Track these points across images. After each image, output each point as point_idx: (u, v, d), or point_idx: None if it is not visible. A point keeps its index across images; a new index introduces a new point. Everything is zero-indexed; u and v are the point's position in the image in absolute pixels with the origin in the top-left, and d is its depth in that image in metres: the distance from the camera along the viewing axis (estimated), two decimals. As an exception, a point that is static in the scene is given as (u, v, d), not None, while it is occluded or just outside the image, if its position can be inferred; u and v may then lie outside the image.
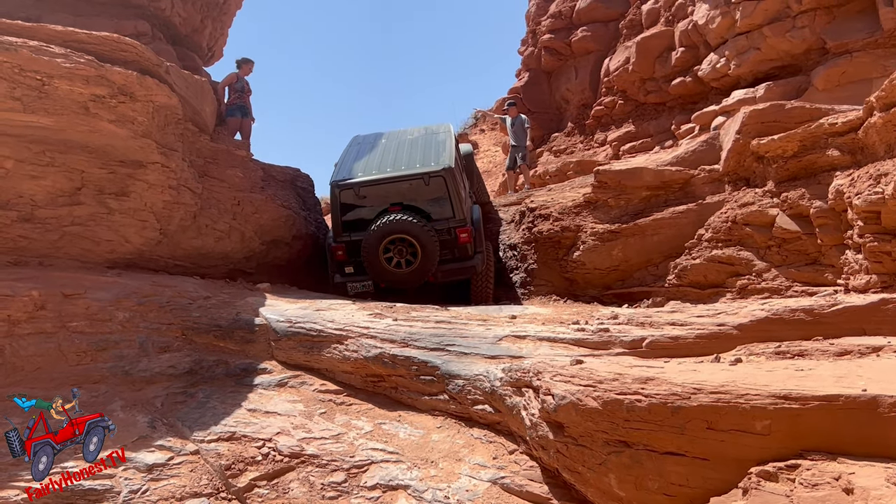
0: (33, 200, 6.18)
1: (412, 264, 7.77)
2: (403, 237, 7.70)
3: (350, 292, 8.01)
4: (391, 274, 7.81)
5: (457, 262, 8.10)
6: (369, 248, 7.71)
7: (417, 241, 7.69)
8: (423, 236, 7.69)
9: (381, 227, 7.69)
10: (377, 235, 7.69)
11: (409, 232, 7.68)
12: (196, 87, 8.33)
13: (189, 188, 7.37)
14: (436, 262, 7.82)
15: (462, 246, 8.08)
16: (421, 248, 7.70)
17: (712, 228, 7.29)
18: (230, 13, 16.53)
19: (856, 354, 3.88)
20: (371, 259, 7.74)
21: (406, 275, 7.80)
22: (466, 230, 8.10)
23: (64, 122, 5.94)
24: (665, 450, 3.19)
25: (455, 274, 8.10)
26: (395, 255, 7.76)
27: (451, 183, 8.09)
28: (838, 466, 2.70)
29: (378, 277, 7.89)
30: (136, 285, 6.26)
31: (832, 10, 10.99)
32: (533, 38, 19.88)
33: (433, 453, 4.47)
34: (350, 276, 8.11)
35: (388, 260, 7.76)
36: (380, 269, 7.79)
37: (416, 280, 7.91)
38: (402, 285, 8.00)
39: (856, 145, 6.08)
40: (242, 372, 5.65)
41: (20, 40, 5.77)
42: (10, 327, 5.23)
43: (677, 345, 4.72)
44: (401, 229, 7.67)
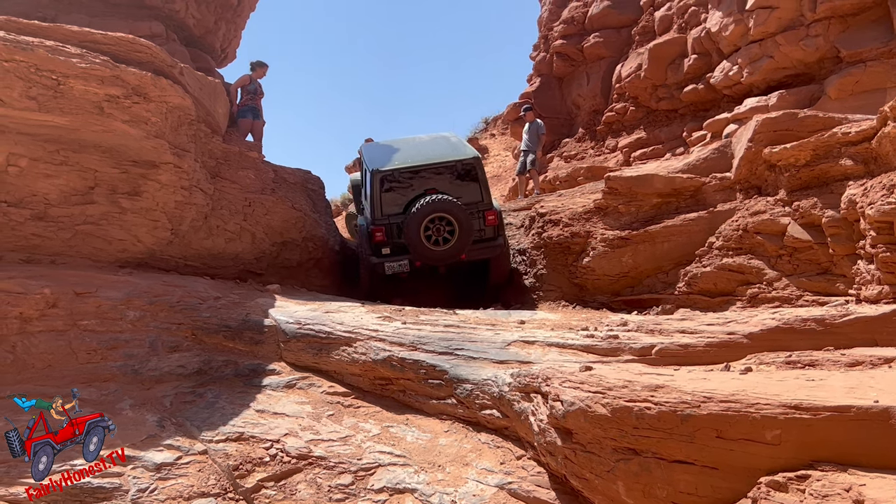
0: (47, 199, 6.23)
1: (449, 242, 8.44)
2: (443, 216, 8.39)
3: (387, 272, 8.61)
4: (430, 251, 8.43)
5: (484, 242, 8.82)
6: (412, 225, 8.33)
7: (456, 220, 8.40)
8: (461, 216, 8.42)
9: (423, 207, 8.33)
10: (420, 214, 8.32)
11: (449, 211, 8.38)
12: (209, 88, 8.38)
13: (201, 189, 7.41)
14: (471, 240, 8.54)
15: (489, 227, 8.86)
16: (459, 226, 8.42)
17: (723, 236, 7.26)
18: (244, 15, 16.62)
19: (868, 365, 3.86)
20: (412, 237, 8.34)
21: (443, 252, 8.46)
22: (493, 213, 8.90)
23: (78, 122, 5.98)
24: (674, 458, 3.17)
25: (483, 252, 8.82)
26: (434, 233, 8.41)
27: (480, 170, 9.00)
28: (849, 478, 2.67)
29: (417, 254, 8.48)
30: (147, 285, 6.30)
31: (846, 19, 10.94)
32: (545, 44, 19.88)
33: (440, 457, 4.47)
34: (387, 256, 8.67)
35: (427, 238, 8.39)
36: (420, 247, 8.39)
37: (452, 256, 8.55)
38: (439, 262, 8.66)
39: (869, 155, 6.05)
40: (251, 373, 5.66)
41: (37, 40, 5.83)
42: (23, 324, 5.27)
43: (687, 353, 4.70)
44: (442, 209, 8.37)
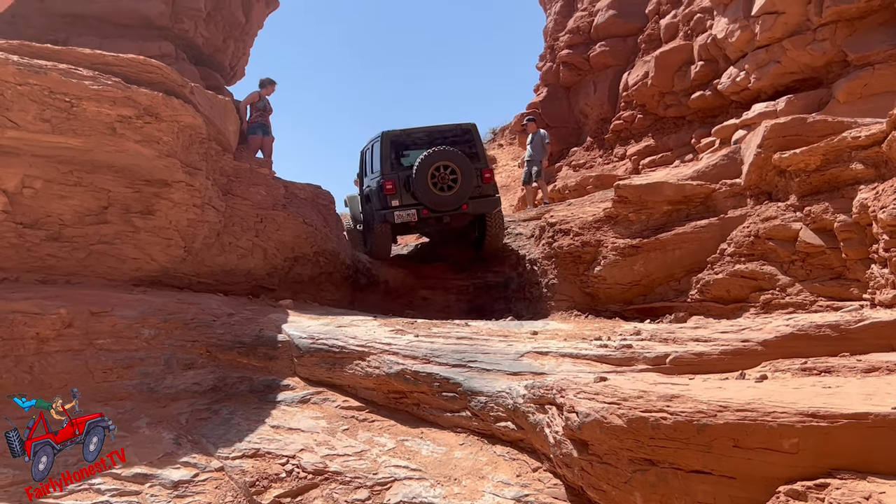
0: (61, 220, 6.30)
1: (453, 189, 9.51)
2: (447, 164, 9.49)
3: (397, 221, 9.69)
4: (437, 196, 9.51)
5: (483, 197, 9.91)
6: (420, 171, 9.42)
7: (459, 167, 9.50)
8: (463, 165, 9.53)
9: (429, 156, 9.47)
10: (427, 163, 9.43)
11: (452, 160, 9.51)
12: (219, 106, 8.46)
13: (213, 206, 7.47)
14: (471, 188, 9.62)
15: (486, 185, 9.98)
16: (461, 174, 9.50)
17: (735, 243, 7.24)
18: (252, 33, 16.80)
19: (884, 371, 3.83)
20: (420, 183, 9.43)
21: (448, 197, 9.53)
22: (490, 171, 10.18)
23: (91, 143, 6.05)
24: (691, 468, 3.16)
25: (482, 206, 9.88)
26: (440, 180, 9.49)
27: (476, 135, 10.36)
28: (868, 486, 2.66)
29: (425, 199, 9.53)
30: (161, 303, 6.34)
31: (853, 23, 10.94)
32: (551, 54, 19.95)
33: (456, 471, 4.46)
34: (396, 207, 9.67)
35: (434, 185, 9.46)
36: (428, 193, 9.47)
37: (456, 202, 9.59)
38: (444, 207, 9.65)
39: (880, 158, 6.03)
40: (266, 388, 5.68)
41: (50, 63, 5.91)
42: (39, 345, 5.32)
43: (701, 361, 4.68)
44: (445, 157, 9.51)
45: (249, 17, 16.48)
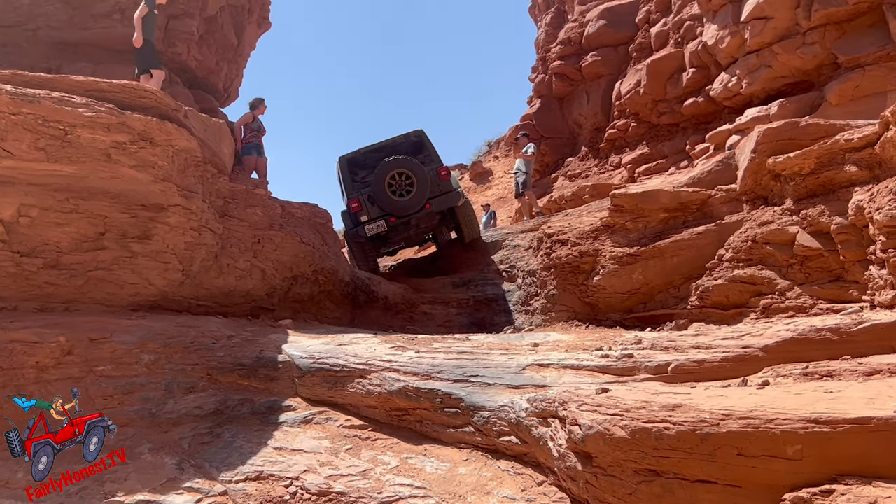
0: (58, 247, 6.29)
1: (411, 193, 10.10)
2: (401, 171, 10.07)
3: (368, 234, 10.30)
4: (396, 202, 10.09)
5: (443, 194, 10.51)
6: (377, 182, 10.05)
7: (413, 173, 10.10)
8: (416, 169, 10.13)
9: (382, 167, 10.07)
10: (381, 173, 10.04)
11: (405, 167, 10.10)
12: (214, 129, 8.49)
13: (210, 228, 7.47)
14: (428, 191, 10.17)
15: (444, 182, 10.57)
16: (416, 178, 10.09)
17: (732, 248, 7.24)
18: (245, 55, 16.87)
19: (886, 374, 3.83)
20: (379, 192, 10.05)
21: (406, 202, 10.12)
22: (445, 168, 10.73)
23: (87, 170, 6.06)
24: (696, 478, 3.14)
25: (446, 202, 10.49)
26: (397, 187, 10.08)
27: (427, 139, 10.94)
28: (874, 490, 2.65)
29: (388, 207, 10.12)
30: (160, 327, 6.33)
31: (842, 25, 11.01)
32: (543, 65, 20.05)
33: (461, 487, 4.44)
34: (366, 222, 10.32)
35: (392, 192, 10.04)
36: (387, 200, 10.08)
37: (415, 206, 10.16)
38: (405, 212, 10.21)
39: (873, 160, 6.04)
40: (267, 410, 5.66)
41: (43, 92, 5.92)
42: (39, 373, 5.30)
43: (703, 368, 4.67)
44: (398, 165, 10.10)
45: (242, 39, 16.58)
